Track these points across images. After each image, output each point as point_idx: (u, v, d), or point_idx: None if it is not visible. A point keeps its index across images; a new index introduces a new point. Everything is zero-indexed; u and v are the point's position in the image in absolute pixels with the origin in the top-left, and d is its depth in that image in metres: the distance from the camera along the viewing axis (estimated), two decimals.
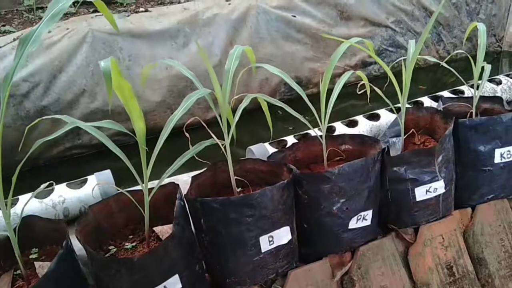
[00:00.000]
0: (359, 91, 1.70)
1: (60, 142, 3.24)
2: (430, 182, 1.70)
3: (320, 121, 1.66)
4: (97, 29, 3.44)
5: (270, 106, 1.68)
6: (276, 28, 4.10)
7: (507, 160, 1.82)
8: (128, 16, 3.64)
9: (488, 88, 2.34)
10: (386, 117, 2.10)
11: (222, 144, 1.53)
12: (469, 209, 1.89)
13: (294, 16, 4.15)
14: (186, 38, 3.77)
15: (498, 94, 2.35)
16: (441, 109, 1.98)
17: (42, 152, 3.33)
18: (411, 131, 1.85)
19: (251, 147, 1.90)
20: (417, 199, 1.71)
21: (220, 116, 1.51)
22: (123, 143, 2.87)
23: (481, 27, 1.88)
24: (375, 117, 2.13)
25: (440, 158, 1.69)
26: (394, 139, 1.88)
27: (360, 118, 2.11)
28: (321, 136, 1.68)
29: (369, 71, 4.32)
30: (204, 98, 1.49)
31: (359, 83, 1.71)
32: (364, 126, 2.07)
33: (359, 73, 1.85)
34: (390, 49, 4.52)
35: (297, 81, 4.12)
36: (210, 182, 1.66)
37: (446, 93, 2.29)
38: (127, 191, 1.45)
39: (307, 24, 4.20)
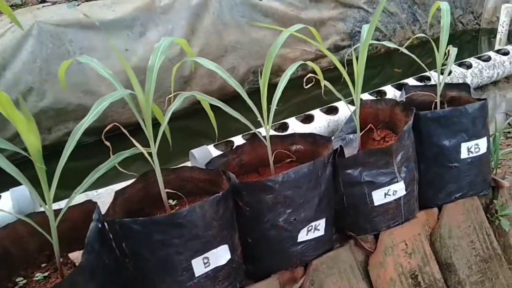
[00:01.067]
0: (306, 85, 1.50)
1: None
2: (388, 184, 1.52)
3: (263, 120, 1.46)
4: (44, 21, 3.19)
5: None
6: (241, 13, 3.87)
7: (475, 154, 1.64)
8: (79, 5, 3.37)
9: (457, 73, 2.15)
10: (345, 110, 1.91)
11: (149, 153, 1.34)
12: (435, 210, 1.71)
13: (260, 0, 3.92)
14: (143, 27, 3.52)
15: (468, 79, 2.16)
16: (404, 100, 1.79)
17: None
18: (368, 126, 1.66)
19: (192, 150, 1.70)
20: (375, 204, 1.53)
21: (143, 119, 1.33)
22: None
23: (444, 6, 1.68)
24: (333, 111, 1.93)
25: (399, 157, 1.51)
26: (351, 136, 1.70)
27: (316, 113, 1.91)
28: (265, 137, 1.48)
29: (342, 56, 4.11)
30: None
31: (330, 67, 1.51)
32: (320, 121, 1.87)
33: (310, 63, 1.66)
34: None
35: None
36: (140, 196, 1.46)
37: (411, 81, 2.10)
38: (32, 215, 1.25)
39: (274, 8, 3.97)
